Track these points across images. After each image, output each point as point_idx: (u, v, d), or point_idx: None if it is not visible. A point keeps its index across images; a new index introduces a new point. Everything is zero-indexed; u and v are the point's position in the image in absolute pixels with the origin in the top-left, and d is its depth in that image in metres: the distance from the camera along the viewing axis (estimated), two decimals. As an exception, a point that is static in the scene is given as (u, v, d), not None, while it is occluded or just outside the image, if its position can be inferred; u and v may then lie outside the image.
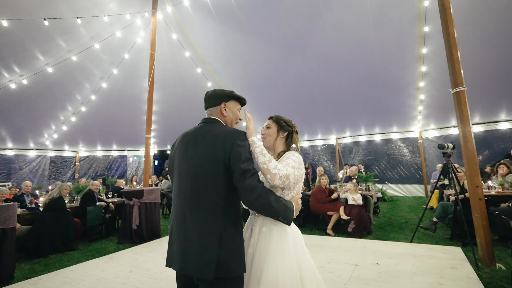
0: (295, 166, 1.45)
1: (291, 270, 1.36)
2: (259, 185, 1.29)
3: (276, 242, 1.41)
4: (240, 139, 1.37)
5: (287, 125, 1.72)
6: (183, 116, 10.95)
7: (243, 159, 1.31)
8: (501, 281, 2.94)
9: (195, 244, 1.28)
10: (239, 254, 1.32)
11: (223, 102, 1.56)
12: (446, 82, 7.16)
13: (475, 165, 3.53)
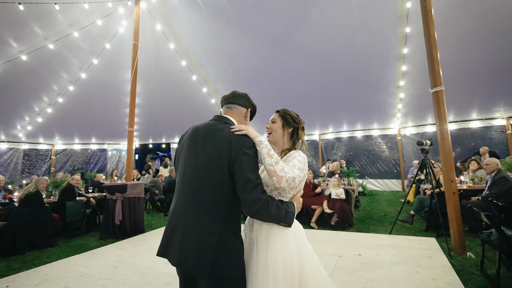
0: (301, 168, 1.43)
1: (290, 260, 1.36)
2: (261, 197, 1.27)
3: (276, 234, 1.40)
4: (247, 146, 1.34)
5: (293, 121, 1.64)
6: (166, 110, 10.76)
7: (247, 169, 1.29)
8: (471, 269, 3.17)
9: (193, 243, 1.29)
10: (237, 255, 1.34)
11: (249, 109, 1.60)
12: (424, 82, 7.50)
13: (450, 161, 3.75)
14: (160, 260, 3.81)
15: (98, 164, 12.50)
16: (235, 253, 1.33)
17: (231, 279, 1.30)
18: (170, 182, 7.23)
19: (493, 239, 2.85)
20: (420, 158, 9.28)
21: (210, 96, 9.90)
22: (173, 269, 3.37)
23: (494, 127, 8.74)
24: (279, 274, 1.31)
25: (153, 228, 5.87)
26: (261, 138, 1.40)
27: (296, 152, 1.53)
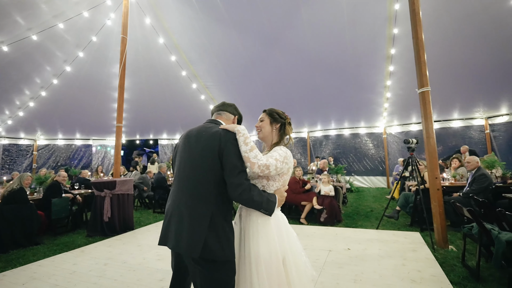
0: (278, 159, 1.53)
1: (274, 251, 1.46)
2: (245, 182, 1.42)
3: (261, 224, 1.52)
4: (234, 138, 1.51)
5: (279, 117, 1.78)
6: (154, 105, 10.60)
7: (234, 156, 1.45)
8: (453, 261, 3.34)
9: (187, 227, 1.41)
10: (227, 240, 1.43)
11: (236, 116, 1.81)
12: (410, 82, 7.76)
13: (435, 159, 3.92)
14: (152, 257, 3.80)
15: (83, 160, 12.16)
16: (225, 238, 1.42)
17: (220, 264, 1.40)
18: (159, 178, 7.15)
19: (474, 232, 3.02)
20: (404, 156, 9.65)
21: (199, 92, 9.83)
22: (166, 265, 3.39)
23: (473, 126, 9.15)
24: (262, 263, 1.44)
25: (142, 225, 5.81)
26: (239, 128, 1.54)
27: (279, 147, 1.66)
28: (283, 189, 1.62)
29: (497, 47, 6.28)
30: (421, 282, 2.79)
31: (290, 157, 1.63)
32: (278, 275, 1.45)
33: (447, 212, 4.34)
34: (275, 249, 1.47)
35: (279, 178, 1.61)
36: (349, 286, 2.76)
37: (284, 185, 1.64)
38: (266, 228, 1.52)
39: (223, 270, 1.42)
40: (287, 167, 1.60)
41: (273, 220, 1.55)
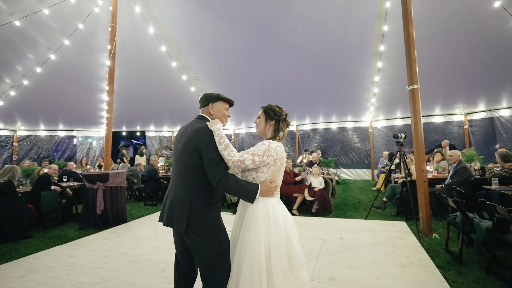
0: (256, 153, 1.68)
1: (258, 241, 1.63)
2: (221, 172, 1.65)
3: (250, 216, 1.71)
4: (211, 134, 1.72)
5: (274, 114, 1.89)
6: (142, 96, 10.39)
7: (211, 151, 1.68)
8: (437, 247, 3.61)
9: (175, 208, 1.73)
10: (206, 217, 1.70)
11: (211, 103, 1.92)
12: (397, 78, 8.05)
13: (422, 153, 4.16)
14: (150, 249, 3.84)
15: (67, 152, 11.79)
16: (204, 215, 1.70)
17: (203, 235, 1.69)
18: (150, 171, 7.09)
19: (458, 221, 3.27)
20: (389, 149, 10.03)
21: (189, 84, 9.71)
22: (166, 256, 3.46)
23: (453, 122, 9.63)
24: (247, 252, 1.64)
25: (134, 217, 5.78)
26: (216, 127, 1.72)
27: (263, 142, 1.77)
28: (268, 180, 1.73)
29: (478, 47, 6.61)
30: (410, 267, 3.02)
31: (274, 149, 1.72)
32: (259, 264, 1.59)
33: (430, 202, 4.63)
34: (259, 240, 1.62)
35: (266, 170, 1.75)
36: (345, 272, 2.94)
37: (273, 177, 1.76)
38: (255, 218, 1.69)
39: (208, 240, 1.69)
40: (272, 159, 1.73)
41: (262, 210, 1.70)
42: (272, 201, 1.75)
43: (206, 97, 1.95)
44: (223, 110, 1.95)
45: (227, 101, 1.97)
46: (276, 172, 1.78)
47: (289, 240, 1.70)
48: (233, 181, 1.65)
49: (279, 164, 1.77)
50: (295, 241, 1.73)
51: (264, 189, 1.71)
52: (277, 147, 1.76)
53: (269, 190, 1.72)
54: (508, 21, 5.69)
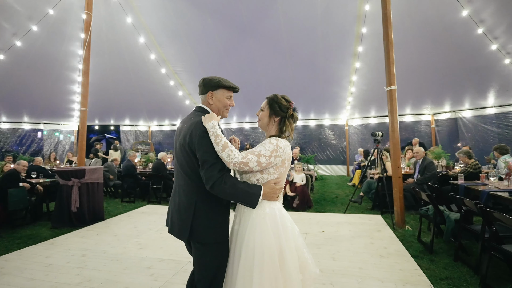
0: (263, 154, 1.47)
1: (268, 245, 1.42)
2: (216, 175, 1.42)
3: (255, 220, 1.48)
4: (205, 130, 1.48)
5: (280, 110, 1.63)
6: (118, 89, 9.96)
7: (205, 150, 1.45)
8: (410, 238, 3.88)
9: (177, 215, 1.57)
10: (212, 225, 1.52)
11: (209, 91, 1.64)
12: (373, 78, 8.40)
13: (398, 150, 4.42)
14: (133, 246, 3.74)
15: (32, 147, 11.00)
16: (209, 223, 1.51)
17: (206, 245, 1.52)
18: (128, 167, 6.85)
19: (430, 213, 3.54)
20: (364, 146, 10.48)
21: (168, 77, 9.45)
22: (150, 253, 3.42)
23: (422, 121, 10.28)
24: (256, 258, 1.42)
25: (111, 215, 5.57)
26: (210, 124, 1.47)
27: (270, 140, 1.56)
28: (273, 181, 1.54)
29: (446, 52, 7.09)
30: (388, 257, 3.23)
31: (283, 149, 1.52)
32: (273, 271, 1.41)
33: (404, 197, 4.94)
34: (269, 245, 1.43)
35: (274, 171, 1.54)
36: (330, 263, 3.08)
37: (279, 178, 1.57)
38: (261, 223, 1.48)
39: (212, 251, 1.52)
40: (280, 160, 1.53)
41: (269, 216, 1.50)
42: (278, 205, 1.56)
43: (205, 83, 1.66)
44: (224, 100, 1.67)
45: (229, 88, 1.68)
46: (283, 173, 1.59)
47: (300, 250, 1.54)
48: (230, 184, 1.44)
49: (286, 165, 1.59)
50: (306, 251, 1.57)
51: (268, 191, 1.50)
52: (286, 146, 1.56)
53: (274, 193, 1.52)
54: (473, 29, 6.16)
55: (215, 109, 1.68)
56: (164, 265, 3.14)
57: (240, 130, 12.66)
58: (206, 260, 1.52)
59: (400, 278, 2.73)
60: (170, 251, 3.56)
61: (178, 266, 3.08)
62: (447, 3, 5.85)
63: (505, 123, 8.37)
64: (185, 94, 10.41)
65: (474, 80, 7.82)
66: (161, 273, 2.92)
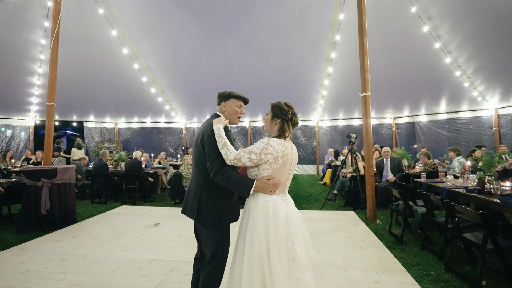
0: (254, 151, 1.68)
1: (256, 231, 1.63)
2: (216, 166, 1.73)
3: (251, 211, 1.72)
4: (212, 129, 1.82)
5: (280, 113, 1.84)
6: (84, 83, 9.37)
7: (210, 146, 1.77)
8: (382, 231, 4.27)
9: (189, 197, 1.91)
10: (214, 208, 1.81)
11: (223, 101, 2.00)
12: (343, 83, 8.93)
13: (371, 151, 4.83)
14: (116, 248, 3.63)
15: (-19, 143, 9.85)
16: (211, 206, 1.81)
17: (206, 227, 1.82)
18: (100, 166, 6.49)
19: (400, 208, 3.95)
20: (332, 147, 11.07)
21: (141, 73, 9.10)
22: (137, 254, 3.43)
23: (384, 124, 11.16)
24: (246, 245, 1.65)
25: (83, 217, 5.27)
26: (216, 127, 1.79)
27: (265, 138, 1.76)
28: (266, 177, 1.73)
29: (407, 62, 7.81)
30: (366, 248, 3.55)
31: (273, 147, 1.70)
32: (260, 254, 1.59)
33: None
34: (258, 231, 1.62)
35: (267, 167, 1.73)
36: (316, 256, 3.29)
37: (273, 174, 1.73)
38: (254, 213, 1.69)
39: (212, 231, 1.82)
40: (272, 157, 1.70)
41: (261, 207, 1.69)
42: (274, 199, 1.73)
43: (219, 95, 2.03)
44: (235, 108, 1.99)
45: (239, 98, 2.01)
46: (278, 170, 1.75)
47: (291, 239, 1.66)
48: (226, 175, 1.72)
49: (281, 162, 1.73)
50: (297, 241, 1.67)
51: (260, 185, 1.72)
52: (278, 144, 1.72)
53: (266, 187, 1.72)
54: (431, 44, 6.89)
55: (227, 116, 2.00)
56: (154, 265, 3.11)
57: (213, 129, 12.59)
58: (207, 239, 1.83)
59: (379, 266, 3.04)
60: (157, 251, 3.52)
61: (170, 266, 3.08)
62: (411, 18, 6.47)
63: (454, 127, 9.46)
64: (158, 91, 10.09)
65: (430, 89, 8.72)
66: (154, 273, 2.90)
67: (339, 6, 6.65)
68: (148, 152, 9.00)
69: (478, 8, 5.74)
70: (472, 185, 3.76)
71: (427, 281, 2.73)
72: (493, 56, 6.79)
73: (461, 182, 4.28)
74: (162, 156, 8.88)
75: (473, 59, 7.05)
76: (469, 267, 2.97)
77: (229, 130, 1.99)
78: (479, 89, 8.13)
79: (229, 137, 1.85)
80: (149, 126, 12.63)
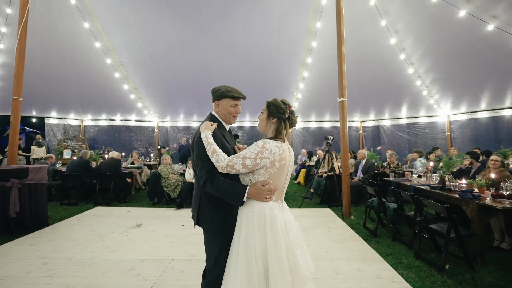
0: (248, 156, 1.52)
1: (250, 243, 1.50)
2: (205, 175, 1.62)
3: (244, 218, 1.58)
4: (199, 137, 1.67)
5: (277, 111, 1.67)
6: (48, 76, 8.71)
7: (198, 153, 1.65)
8: (357, 226, 4.65)
9: (192, 203, 1.85)
10: (209, 216, 1.72)
11: (216, 100, 1.84)
12: (317, 86, 9.39)
13: (347, 152, 5.21)
14: (101, 250, 3.53)
15: None
16: (208, 214, 1.72)
17: (210, 232, 1.73)
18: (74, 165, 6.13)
19: (374, 204, 4.34)
20: (305, 147, 11.54)
21: (114, 69, 8.70)
22: (125, 255, 3.47)
23: (353, 127, 11.91)
24: (241, 253, 1.51)
25: (54, 219, 4.96)
26: (203, 134, 1.64)
27: (259, 141, 1.59)
28: (260, 182, 1.58)
29: (376, 71, 8.47)
30: (346, 242, 3.86)
31: (270, 151, 1.55)
32: (255, 268, 1.46)
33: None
34: (252, 243, 1.48)
35: (263, 172, 1.59)
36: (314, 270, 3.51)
37: (272, 178, 1.60)
38: (248, 222, 1.55)
39: (214, 237, 1.72)
40: (268, 161, 1.56)
41: (256, 215, 1.54)
42: (271, 206, 1.58)
43: (212, 93, 1.84)
44: (229, 108, 1.81)
45: (233, 98, 1.81)
46: (275, 175, 1.60)
47: (292, 250, 1.52)
48: (215, 184, 1.59)
49: (278, 166, 1.59)
50: (299, 252, 1.54)
51: (254, 191, 1.56)
52: (275, 147, 1.57)
53: (261, 193, 1.56)
54: (397, 55, 7.57)
55: (222, 116, 1.85)
56: (146, 265, 3.10)
57: (187, 128, 12.42)
58: (207, 244, 1.75)
59: (360, 257, 3.35)
60: (146, 251, 3.49)
61: (163, 265, 3.09)
62: (381, 31, 7.05)
63: (413, 131, 10.42)
64: (130, 88, 9.72)
65: (394, 96, 9.53)
66: (148, 273, 2.90)
67: (317, 15, 7.02)
68: (117, 151, 8.64)
69: (437, 26, 6.46)
70: (434, 183, 4.26)
71: (401, 267, 3.08)
72: (447, 69, 7.66)
73: (424, 180, 4.82)
74: (136, 155, 8.59)
75: (431, 70, 7.87)
76: (434, 254, 3.40)
77: (228, 130, 1.93)
78: (435, 97, 9.08)
79: (226, 140, 1.77)
80: (119, 124, 12.06)
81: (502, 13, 5.51)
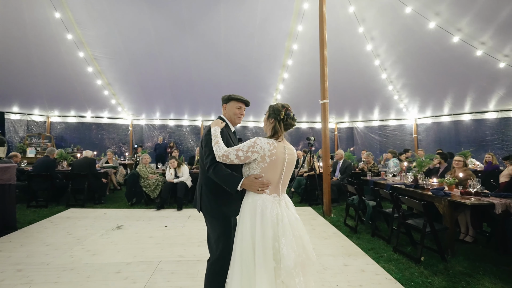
0: (241, 149, 1.75)
1: (242, 229, 1.71)
2: (209, 162, 1.87)
3: (241, 207, 1.81)
4: (209, 129, 1.99)
5: (274, 113, 1.90)
6: (10, 68, 8.04)
7: (205, 144, 1.94)
8: (337, 223, 4.84)
9: (196, 192, 2.08)
10: (209, 203, 1.95)
11: (224, 103, 2.17)
12: (295, 88, 9.61)
13: (328, 152, 5.40)
14: (82, 254, 3.35)
15: None
16: (208, 201, 1.96)
17: (209, 217, 1.97)
18: (43, 162, 5.71)
19: (355, 202, 4.56)
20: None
21: (86, 63, 8.23)
22: (110, 258, 3.42)
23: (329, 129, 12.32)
24: (236, 240, 1.75)
25: (22, 222, 4.60)
26: (212, 129, 1.93)
27: (254, 138, 1.80)
28: (253, 175, 1.76)
29: (352, 75, 8.85)
30: (330, 238, 4.02)
31: (260, 146, 1.74)
32: (246, 252, 1.63)
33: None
34: (245, 229, 1.67)
35: (256, 166, 1.77)
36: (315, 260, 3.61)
37: (264, 172, 1.76)
38: (242, 211, 1.77)
39: (213, 223, 1.96)
40: (259, 155, 1.73)
41: (249, 205, 1.73)
42: (264, 198, 1.74)
43: (222, 98, 2.19)
44: (235, 109, 2.12)
45: (238, 100, 2.13)
46: (266, 169, 1.76)
47: (278, 239, 1.63)
48: (217, 170, 1.83)
49: (268, 161, 1.75)
50: (285, 242, 1.63)
51: (247, 183, 1.76)
52: (266, 144, 1.75)
53: (253, 185, 1.74)
54: (372, 61, 7.98)
55: (228, 117, 2.16)
56: (134, 267, 3.00)
57: (163, 127, 12.08)
58: (210, 228, 1.99)
59: (344, 252, 3.51)
60: (131, 254, 3.37)
61: (151, 267, 3.01)
62: (358, 37, 7.40)
63: (384, 133, 11.03)
64: (104, 84, 9.25)
65: (367, 99, 10.04)
66: (137, 275, 2.81)
67: (298, 18, 7.19)
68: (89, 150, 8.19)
69: (409, 35, 6.92)
70: (409, 181, 4.58)
71: (382, 261, 3.29)
72: (416, 76, 8.23)
73: (399, 179, 5.15)
74: (111, 155, 8.20)
75: (402, 76, 8.41)
76: (410, 247, 3.66)
77: (234, 131, 2.21)
78: (404, 102, 9.71)
79: (230, 138, 2.05)
80: (89, 121, 11.40)
81: (466, 27, 6.05)
